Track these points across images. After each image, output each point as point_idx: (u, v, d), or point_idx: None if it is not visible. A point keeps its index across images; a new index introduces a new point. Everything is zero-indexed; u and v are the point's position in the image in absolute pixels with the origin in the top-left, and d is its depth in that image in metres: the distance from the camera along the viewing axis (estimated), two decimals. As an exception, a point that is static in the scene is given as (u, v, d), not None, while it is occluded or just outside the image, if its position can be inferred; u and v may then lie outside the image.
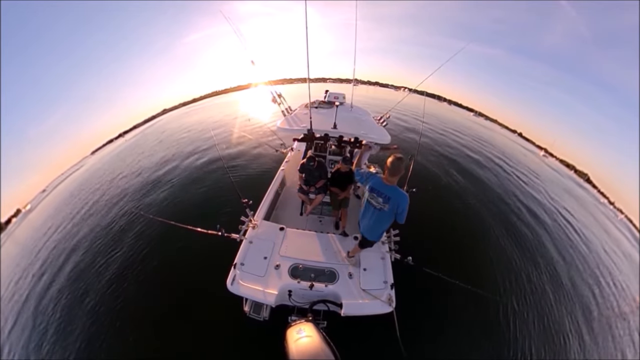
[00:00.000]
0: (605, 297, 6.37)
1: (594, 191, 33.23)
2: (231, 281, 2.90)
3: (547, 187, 14.93)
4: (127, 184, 10.67)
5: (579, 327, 5.04)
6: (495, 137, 32.03)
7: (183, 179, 9.30)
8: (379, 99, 35.73)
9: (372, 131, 4.51)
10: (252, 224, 3.61)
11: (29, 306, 5.44)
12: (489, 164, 14.37)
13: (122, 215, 7.79)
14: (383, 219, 2.73)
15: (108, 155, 23.30)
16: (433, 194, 8.42)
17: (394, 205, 2.59)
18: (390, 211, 2.63)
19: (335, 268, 3.13)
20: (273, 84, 5.72)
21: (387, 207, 2.62)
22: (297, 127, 4.46)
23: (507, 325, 4.49)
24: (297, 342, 1.85)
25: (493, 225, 7.55)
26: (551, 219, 9.74)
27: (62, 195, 15.55)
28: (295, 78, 79.38)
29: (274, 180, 5.06)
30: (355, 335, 3.28)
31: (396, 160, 2.50)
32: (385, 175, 2.60)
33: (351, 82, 6.99)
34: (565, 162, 55.23)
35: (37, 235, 9.85)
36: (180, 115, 33.80)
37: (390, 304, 2.73)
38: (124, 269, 5.39)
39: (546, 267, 6.43)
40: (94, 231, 7.47)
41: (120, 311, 4.49)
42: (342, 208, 4.33)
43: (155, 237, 6.12)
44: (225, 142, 13.01)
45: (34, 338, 4.55)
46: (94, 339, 4.13)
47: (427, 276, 3.21)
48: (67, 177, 23.17)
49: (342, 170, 4.18)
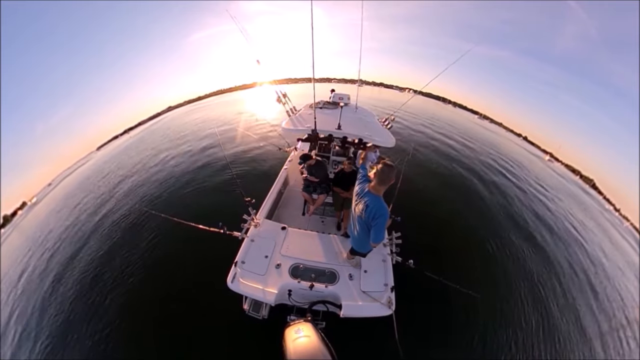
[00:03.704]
0: (608, 305, 6.29)
1: (600, 197, 32.84)
2: (231, 279, 2.90)
3: (552, 193, 14.79)
4: (131, 180, 10.76)
5: (580, 334, 4.99)
6: (500, 140, 31.79)
7: (186, 176, 9.35)
8: (384, 100, 35.66)
9: (377, 133, 4.49)
10: (254, 222, 3.62)
11: (28, 298, 5.53)
12: (493, 167, 14.26)
13: (125, 211, 7.86)
14: (364, 229, 2.51)
15: (113, 151, 23.49)
16: (435, 198, 8.39)
17: (369, 215, 2.32)
18: (366, 222, 2.38)
19: (335, 269, 3.12)
20: (278, 83, 5.72)
21: (364, 216, 2.38)
22: (301, 127, 4.46)
23: (507, 331, 4.45)
24: (295, 342, 1.86)
25: (496, 230, 7.50)
26: (555, 225, 9.64)
27: (67, 189, 15.75)
28: (300, 78, 79.40)
29: (277, 179, 5.06)
30: (354, 336, 3.27)
31: (385, 167, 2.26)
32: (374, 183, 2.35)
33: (356, 83, 6.97)
34: (571, 167, 54.67)
35: (42, 227, 10.00)
36: (185, 113, 33.99)
37: (390, 306, 2.72)
38: (125, 264, 5.43)
39: (548, 273, 6.37)
40: (97, 226, 7.55)
41: (119, 306, 4.53)
42: (345, 209, 4.33)
43: (157, 233, 6.16)
44: (229, 141, 13.07)
45: (32, 329, 4.62)
46: (92, 333, 4.17)
47: (428, 280, 3.20)
48: (73, 172, 23.43)
49: (346, 170, 4.16)
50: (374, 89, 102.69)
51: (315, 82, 4.29)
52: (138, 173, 11.41)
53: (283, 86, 5.91)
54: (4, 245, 12.14)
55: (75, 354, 3.96)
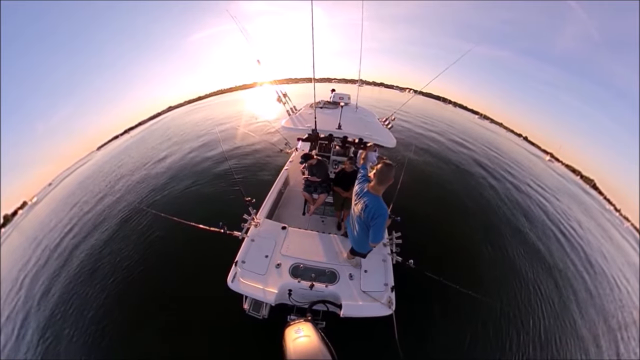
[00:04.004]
0: (607, 306, 6.28)
1: (600, 197, 32.81)
2: (232, 278, 2.90)
3: (552, 193, 14.77)
4: (131, 180, 10.77)
5: (580, 335, 4.98)
6: (500, 140, 31.78)
7: (186, 176, 9.35)
8: (384, 100, 35.65)
9: (377, 133, 4.49)
10: (254, 222, 3.62)
11: (27, 297, 5.52)
12: (493, 168, 14.25)
13: (125, 211, 7.86)
14: (363, 229, 2.51)
15: (114, 150, 23.51)
16: (436, 197, 8.38)
17: (368, 215, 2.32)
18: (365, 222, 2.38)
19: (336, 269, 3.12)
20: (278, 83, 5.73)
21: (363, 216, 2.39)
22: (301, 126, 4.46)
23: (507, 332, 4.44)
24: (295, 342, 1.85)
25: (496, 230, 7.50)
26: (555, 226, 9.64)
27: (68, 189, 15.75)
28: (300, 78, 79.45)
29: (278, 179, 5.06)
30: (354, 336, 3.27)
31: (385, 167, 2.26)
32: (373, 183, 2.35)
33: (356, 83, 6.97)
34: (571, 168, 54.65)
35: (42, 226, 10.01)
36: (186, 113, 34.00)
37: (390, 306, 2.72)
38: (125, 263, 5.44)
39: (548, 274, 6.36)
40: (97, 225, 7.55)
41: (119, 305, 4.53)
42: (345, 209, 4.33)
43: (157, 233, 6.16)
44: (229, 141, 13.06)
45: (31, 326, 4.62)
46: (92, 331, 4.17)
47: (428, 280, 3.19)
48: (73, 172, 23.45)
49: (347, 170, 4.16)
50: (375, 89, 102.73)
51: (315, 82, 4.28)
52: (138, 173, 11.41)
53: (283, 86, 5.91)
54: (4, 244, 12.15)
55: (76, 353, 3.96)
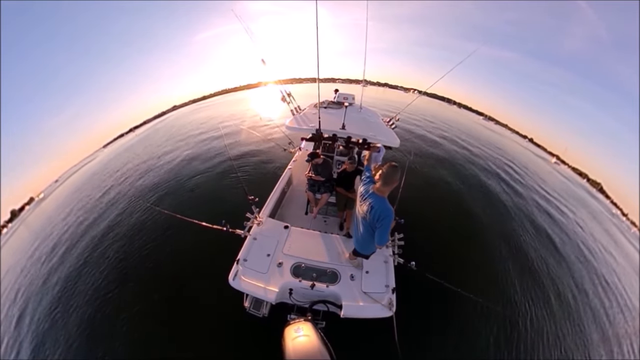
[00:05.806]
0: (612, 312, 6.17)
1: (607, 201, 32.27)
2: (233, 276, 2.92)
3: (558, 196, 14.56)
4: (136, 177, 10.88)
5: (584, 340, 4.91)
6: (506, 142, 31.43)
7: (190, 174, 9.42)
8: (389, 100, 35.52)
9: (381, 133, 4.48)
10: (257, 220, 3.64)
11: (34, 291, 5.61)
12: (498, 170, 14.10)
13: (129, 208, 7.94)
14: (368, 230, 2.50)
15: (120, 148, 23.78)
16: (439, 199, 8.33)
17: (374, 216, 2.32)
18: (370, 224, 2.38)
19: (337, 269, 3.12)
20: (283, 83, 5.73)
21: (368, 218, 2.39)
22: (305, 126, 4.46)
23: (508, 336, 4.40)
24: (294, 341, 1.86)
25: (499, 234, 7.41)
26: (560, 230, 9.50)
27: (74, 185, 15.98)
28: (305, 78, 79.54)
29: (281, 178, 5.08)
30: (353, 337, 3.26)
31: (390, 169, 2.28)
32: (379, 184, 2.36)
33: (361, 83, 6.95)
34: (577, 170, 53.79)
35: (49, 222, 10.15)
36: (190, 112, 34.25)
37: (391, 308, 2.71)
38: (128, 259, 5.50)
39: (552, 280, 6.27)
40: (102, 221, 7.64)
41: (120, 302, 4.58)
42: (348, 209, 4.32)
43: (160, 230, 6.21)
44: (233, 140, 13.12)
45: (32, 322, 4.70)
46: (94, 328, 4.23)
47: (430, 282, 3.18)
48: (80, 169, 23.76)
49: (348, 170, 4.17)
50: (379, 89, 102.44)
51: (319, 82, 4.28)
52: (143, 170, 11.52)
53: (288, 86, 5.92)
54: (11, 239, 12.36)
55: (77, 351, 4.01)
